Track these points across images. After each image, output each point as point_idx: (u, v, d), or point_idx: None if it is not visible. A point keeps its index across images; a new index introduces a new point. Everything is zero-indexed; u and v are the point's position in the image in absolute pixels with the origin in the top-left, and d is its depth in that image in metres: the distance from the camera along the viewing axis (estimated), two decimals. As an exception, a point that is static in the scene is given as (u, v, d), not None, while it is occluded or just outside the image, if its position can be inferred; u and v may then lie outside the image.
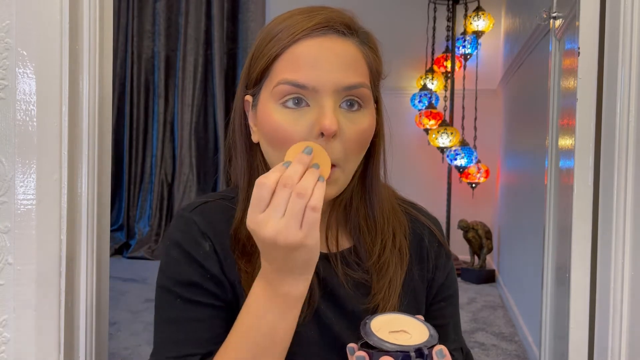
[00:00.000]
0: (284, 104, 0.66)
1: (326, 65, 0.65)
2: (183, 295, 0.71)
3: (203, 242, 0.72)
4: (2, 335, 0.86)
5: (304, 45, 0.66)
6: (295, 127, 0.65)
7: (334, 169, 0.66)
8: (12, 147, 0.85)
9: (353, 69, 0.67)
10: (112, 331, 2.47)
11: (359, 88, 0.67)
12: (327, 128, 0.63)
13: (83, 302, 0.93)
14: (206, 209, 0.75)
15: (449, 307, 0.82)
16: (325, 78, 0.65)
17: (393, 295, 0.73)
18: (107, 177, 1.02)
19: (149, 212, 4.54)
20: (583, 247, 1.17)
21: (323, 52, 0.65)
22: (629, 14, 0.98)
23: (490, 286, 3.62)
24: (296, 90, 0.65)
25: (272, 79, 0.67)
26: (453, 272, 0.83)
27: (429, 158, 4.16)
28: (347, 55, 0.67)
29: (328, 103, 0.65)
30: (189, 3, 4.53)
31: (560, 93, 1.54)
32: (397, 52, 3.95)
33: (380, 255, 0.74)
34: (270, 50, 0.67)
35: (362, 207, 0.75)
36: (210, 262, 0.71)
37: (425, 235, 0.80)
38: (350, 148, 0.67)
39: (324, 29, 0.66)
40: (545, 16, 1.60)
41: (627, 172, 0.99)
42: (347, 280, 0.74)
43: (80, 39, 0.92)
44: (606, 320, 1.03)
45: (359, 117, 0.67)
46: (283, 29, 0.67)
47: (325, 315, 0.73)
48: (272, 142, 0.68)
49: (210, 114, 4.60)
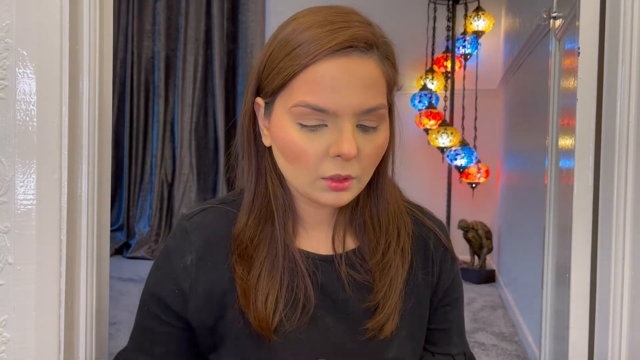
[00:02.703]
0: (301, 123, 0.65)
1: (347, 89, 0.64)
2: (149, 306, 0.76)
3: (187, 255, 0.74)
4: (2, 335, 0.86)
5: (325, 67, 0.63)
6: (312, 146, 0.65)
7: (351, 180, 0.67)
8: (12, 147, 0.85)
9: (373, 91, 0.66)
10: (112, 331, 2.47)
11: (377, 110, 0.66)
12: (346, 153, 0.64)
13: (83, 302, 0.93)
14: (206, 217, 0.77)
15: (453, 311, 0.82)
16: (345, 102, 0.64)
17: (393, 294, 0.73)
18: (107, 177, 1.02)
19: (149, 212, 4.54)
20: (583, 247, 1.17)
21: (344, 75, 0.64)
22: (629, 14, 0.98)
23: (490, 286, 3.62)
24: (315, 113, 0.64)
25: (290, 97, 0.66)
26: (458, 276, 0.83)
27: (429, 158, 4.16)
28: (368, 77, 0.65)
29: (347, 126, 0.64)
30: (189, 3, 4.53)
31: (560, 93, 1.54)
32: (397, 52, 3.93)
33: (384, 254, 0.75)
34: (288, 68, 0.65)
35: (368, 205, 0.76)
36: (184, 277, 0.74)
37: (431, 239, 0.80)
38: (367, 164, 0.68)
39: (347, 49, 0.64)
40: (545, 16, 1.60)
41: (627, 172, 0.99)
42: (349, 282, 0.74)
43: (80, 39, 0.92)
44: (606, 320, 1.03)
45: (375, 135, 0.68)
46: (302, 43, 0.64)
47: (324, 320, 0.72)
48: (286, 156, 0.68)
49: (210, 114, 4.59)
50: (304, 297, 0.72)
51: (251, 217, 0.73)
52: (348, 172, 0.66)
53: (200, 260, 0.74)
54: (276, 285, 0.71)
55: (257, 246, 0.73)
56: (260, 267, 0.72)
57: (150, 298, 0.76)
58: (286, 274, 0.72)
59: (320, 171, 0.66)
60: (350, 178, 0.66)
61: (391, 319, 0.72)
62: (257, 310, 0.70)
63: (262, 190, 0.73)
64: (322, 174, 0.66)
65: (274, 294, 0.71)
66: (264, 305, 0.70)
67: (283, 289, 0.71)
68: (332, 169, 0.65)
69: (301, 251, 0.74)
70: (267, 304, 0.70)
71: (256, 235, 0.73)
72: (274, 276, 0.71)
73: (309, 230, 0.76)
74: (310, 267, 0.73)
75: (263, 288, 0.71)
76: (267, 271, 0.71)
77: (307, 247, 0.75)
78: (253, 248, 0.73)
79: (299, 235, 0.76)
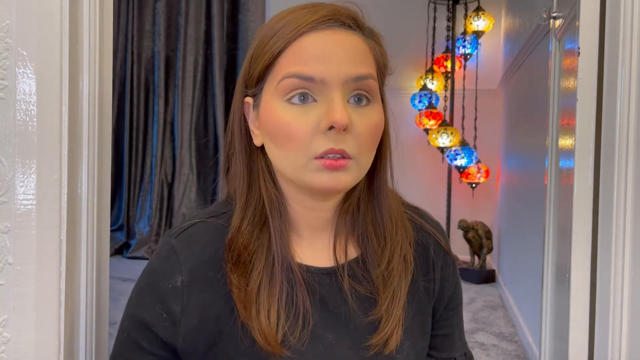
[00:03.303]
0: (289, 100, 0.63)
1: (334, 58, 0.62)
2: (131, 334, 0.70)
3: (177, 276, 0.68)
4: (2, 335, 0.86)
5: (309, 39, 0.63)
6: (301, 122, 0.62)
7: (348, 160, 0.63)
8: (12, 147, 0.85)
9: (361, 61, 0.64)
10: (112, 331, 2.47)
11: (367, 79, 0.64)
12: (337, 121, 0.60)
13: (83, 302, 0.93)
14: (195, 234, 0.71)
15: (456, 316, 0.80)
16: (333, 70, 0.62)
17: (397, 306, 0.69)
18: (107, 177, 1.02)
19: (149, 212, 4.54)
20: (583, 247, 1.17)
21: (330, 44, 0.63)
22: (629, 14, 0.98)
23: (490, 286, 3.62)
24: (303, 83, 0.62)
25: (276, 74, 0.64)
26: (459, 280, 0.81)
27: (429, 158, 4.16)
28: (355, 47, 0.64)
29: (337, 96, 0.62)
30: (189, 3, 4.53)
31: (560, 93, 1.54)
32: (397, 52, 3.92)
33: (389, 262, 0.71)
34: (274, 46, 0.64)
35: (370, 211, 0.72)
36: (174, 299, 0.68)
37: (431, 245, 0.77)
38: (364, 142, 0.64)
39: (329, 21, 0.64)
40: (545, 16, 1.60)
41: (627, 172, 0.99)
42: (352, 294, 0.70)
43: (80, 39, 0.92)
44: (606, 320, 1.03)
45: (368, 111, 0.65)
46: (286, 24, 0.64)
47: (325, 336, 0.68)
48: (276, 140, 0.64)
49: (210, 114, 4.59)
50: (303, 311, 0.67)
51: (244, 222, 0.69)
52: (342, 145, 0.62)
53: (192, 281, 0.68)
54: (276, 297, 0.66)
55: (253, 254, 0.68)
56: (259, 277, 0.67)
57: (132, 324, 0.70)
58: (285, 286, 0.67)
59: (313, 149, 0.62)
60: (346, 155, 0.62)
61: (395, 333, 0.69)
62: (261, 324, 0.65)
63: (256, 193, 0.70)
64: (315, 151, 0.62)
65: (275, 306, 0.66)
66: (267, 319, 0.65)
67: (282, 301, 0.67)
68: (325, 143, 0.62)
69: (299, 264, 0.69)
70: (270, 317, 0.65)
71: (251, 243, 0.68)
72: (273, 287, 0.67)
73: (307, 238, 0.72)
74: (309, 280, 0.69)
75: (264, 301, 0.66)
76: (267, 282, 0.67)
77: (305, 258, 0.71)
78: (248, 256, 0.68)
79: (296, 244, 0.71)
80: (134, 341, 0.70)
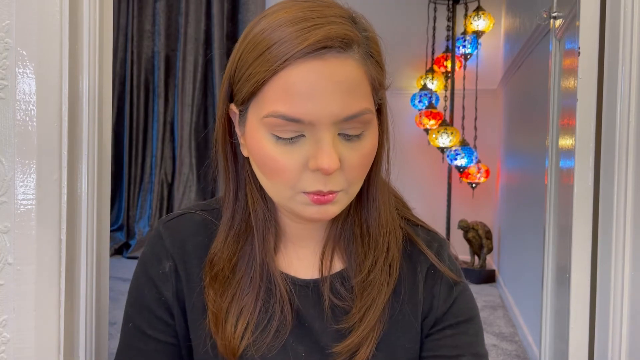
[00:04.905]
0: (277, 135, 0.59)
1: (323, 96, 0.56)
2: (134, 322, 0.72)
3: (164, 262, 0.70)
4: (2, 335, 0.86)
5: (297, 71, 0.56)
6: (289, 159, 0.59)
7: (337, 194, 0.60)
8: (12, 147, 0.85)
9: (354, 96, 0.58)
10: (112, 331, 2.47)
11: (360, 116, 0.59)
12: (325, 168, 0.57)
13: (83, 302, 0.93)
14: (181, 223, 0.72)
15: (462, 337, 0.70)
16: (322, 111, 0.56)
17: (371, 316, 0.66)
18: (107, 177, 1.02)
19: (149, 212, 4.54)
20: (583, 247, 1.17)
21: (319, 80, 0.56)
22: (629, 14, 0.98)
23: (490, 286, 3.62)
24: (290, 124, 0.57)
25: (262, 106, 0.59)
26: (464, 298, 0.73)
27: (429, 158, 4.16)
28: (347, 79, 0.57)
29: (326, 136, 0.57)
30: (189, 3, 4.53)
31: (561, 93, 1.54)
32: (397, 52, 3.94)
33: (370, 271, 0.67)
34: (258, 74, 0.58)
35: (358, 215, 0.69)
36: (165, 285, 0.70)
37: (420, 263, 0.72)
38: (353, 175, 0.61)
39: (321, 51, 0.56)
40: (545, 16, 1.60)
41: (627, 172, 0.99)
42: (330, 308, 0.67)
43: (80, 39, 0.92)
44: (606, 321, 1.03)
45: (360, 142, 0.60)
46: (271, 45, 0.57)
47: (295, 348, 0.67)
48: (263, 170, 0.62)
49: (210, 114, 4.60)
50: (278, 322, 0.66)
51: (230, 233, 0.68)
52: (331, 187, 0.59)
53: (177, 268, 0.70)
54: (250, 307, 0.66)
55: (234, 265, 0.68)
56: (236, 287, 0.67)
57: (134, 311, 0.72)
58: (261, 296, 0.66)
59: (300, 185, 0.60)
60: (334, 191, 0.60)
61: (366, 344, 0.65)
62: (225, 333, 0.65)
63: (242, 204, 0.68)
64: (302, 188, 0.60)
65: (246, 316, 0.66)
66: (233, 328, 0.65)
67: (256, 311, 0.66)
68: (314, 184, 0.59)
69: (282, 273, 0.68)
70: (237, 327, 0.65)
71: (235, 254, 0.68)
72: (248, 296, 0.66)
73: (294, 247, 0.70)
74: (289, 290, 0.67)
75: (235, 310, 0.66)
76: (242, 291, 0.66)
77: (289, 268, 0.69)
78: (230, 268, 0.67)
79: (281, 253, 0.70)
80: (139, 329, 0.71)
